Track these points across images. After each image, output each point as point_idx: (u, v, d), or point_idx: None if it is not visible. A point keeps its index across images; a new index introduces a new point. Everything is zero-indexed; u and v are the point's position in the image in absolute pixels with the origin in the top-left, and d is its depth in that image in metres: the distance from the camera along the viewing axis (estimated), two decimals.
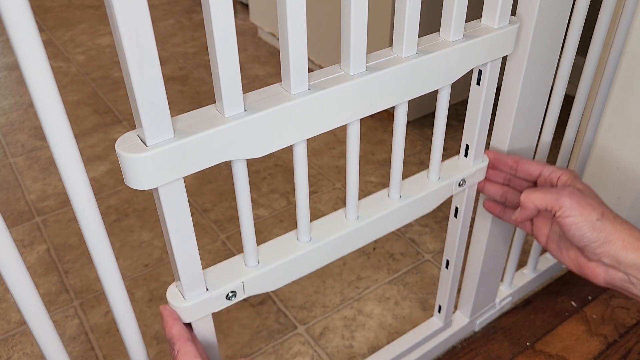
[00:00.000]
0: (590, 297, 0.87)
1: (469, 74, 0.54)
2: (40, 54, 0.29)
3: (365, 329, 0.86)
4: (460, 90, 1.40)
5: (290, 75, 0.40)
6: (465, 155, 0.61)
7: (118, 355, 0.83)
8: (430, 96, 0.64)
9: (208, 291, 0.46)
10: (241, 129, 0.39)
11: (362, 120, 1.34)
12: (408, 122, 1.35)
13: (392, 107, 0.49)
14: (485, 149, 0.62)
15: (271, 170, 1.21)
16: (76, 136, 1.31)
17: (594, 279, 0.54)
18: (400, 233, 1.04)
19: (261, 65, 1.66)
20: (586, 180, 0.85)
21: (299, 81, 0.41)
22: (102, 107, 1.46)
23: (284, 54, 0.40)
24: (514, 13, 0.54)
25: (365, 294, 0.92)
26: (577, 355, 0.79)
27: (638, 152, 0.78)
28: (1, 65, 1.69)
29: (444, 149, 0.58)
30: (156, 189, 0.38)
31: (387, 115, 1.40)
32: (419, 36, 0.47)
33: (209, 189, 1.16)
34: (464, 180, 0.60)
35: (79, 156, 0.34)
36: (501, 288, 0.85)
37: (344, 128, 0.48)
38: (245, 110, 0.39)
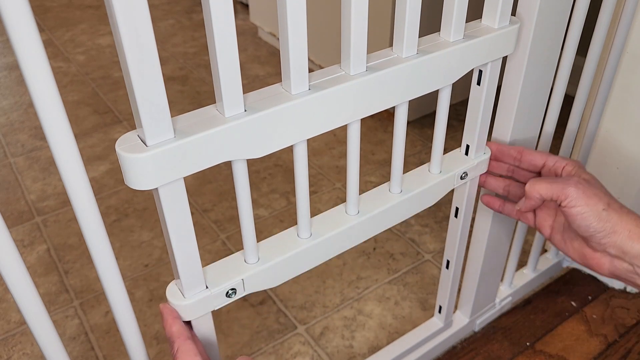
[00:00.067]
0: (590, 297, 0.87)
1: (469, 74, 0.54)
2: (40, 54, 0.29)
3: (365, 329, 0.86)
4: (460, 90, 1.40)
5: (291, 75, 0.40)
6: (466, 154, 0.61)
7: (118, 355, 0.83)
8: (430, 96, 0.64)
9: (208, 289, 0.46)
10: (241, 129, 0.39)
11: (362, 121, 1.33)
12: (408, 122, 1.35)
13: (392, 107, 0.49)
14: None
15: (271, 170, 1.21)
16: (76, 136, 1.31)
17: (598, 269, 0.54)
18: (400, 233, 1.04)
19: (261, 65, 1.66)
20: None
21: (299, 81, 0.41)
22: (102, 107, 1.46)
23: (284, 54, 0.40)
24: (514, 13, 0.54)
25: (365, 294, 0.92)
26: (577, 355, 0.79)
27: (638, 152, 0.78)
28: (1, 65, 1.69)
29: (444, 149, 0.58)
30: (156, 189, 0.38)
31: (387, 115, 1.40)
32: (419, 36, 0.47)
33: (209, 189, 1.16)
34: (466, 173, 0.60)
35: (79, 156, 0.34)
36: (501, 288, 0.85)
37: (344, 128, 0.48)
38: (245, 111, 0.39)
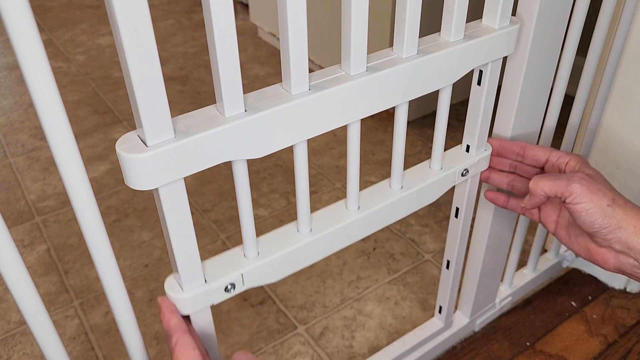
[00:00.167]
0: (590, 297, 0.87)
1: (470, 74, 0.54)
2: (40, 54, 0.29)
3: (365, 329, 0.86)
4: (460, 90, 1.40)
5: (291, 75, 0.40)
6: (466, 152, 0.61)
7: (118, 355, 0.83)
8: (430, 96, 0.64)
9: (207, 283, 0.45)
10: (241, 129, 0.39)
11: (362, 121, 1.33)
12: (408, 122, 1.35)
13: (393, 107, 0.49)
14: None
15: (271, 170, 1.21)
16: (76, 136, 1.31)
17: (603, 264, 0.54)
18: (400, 233, 1.04)
19: (261, 65, 1.66)
20: None
21: (299, 81, 0.41)
22: (102, 107, 1.46)
23: (284, 54, 0.40)
24: (514, 13, 0.54)
25: (365, 294, 0.92)
26: (577, 355, 0.79)
27: (638, 153, 0.78)
28: (1, 65, 1.69)
29: (444, 149, 0.58)
30: (156, 189, 0.38)
31: (387, 116, 1.40)
32: (420, 36, 0.47)
33: (209, 189, 1.16)
34: (467, 169, 0.60)
35: (79, 156, 0.34)
36: (501, 288, 0.85)
37: (344, 128, 0.48)
38: (245, 111, 0.39)
